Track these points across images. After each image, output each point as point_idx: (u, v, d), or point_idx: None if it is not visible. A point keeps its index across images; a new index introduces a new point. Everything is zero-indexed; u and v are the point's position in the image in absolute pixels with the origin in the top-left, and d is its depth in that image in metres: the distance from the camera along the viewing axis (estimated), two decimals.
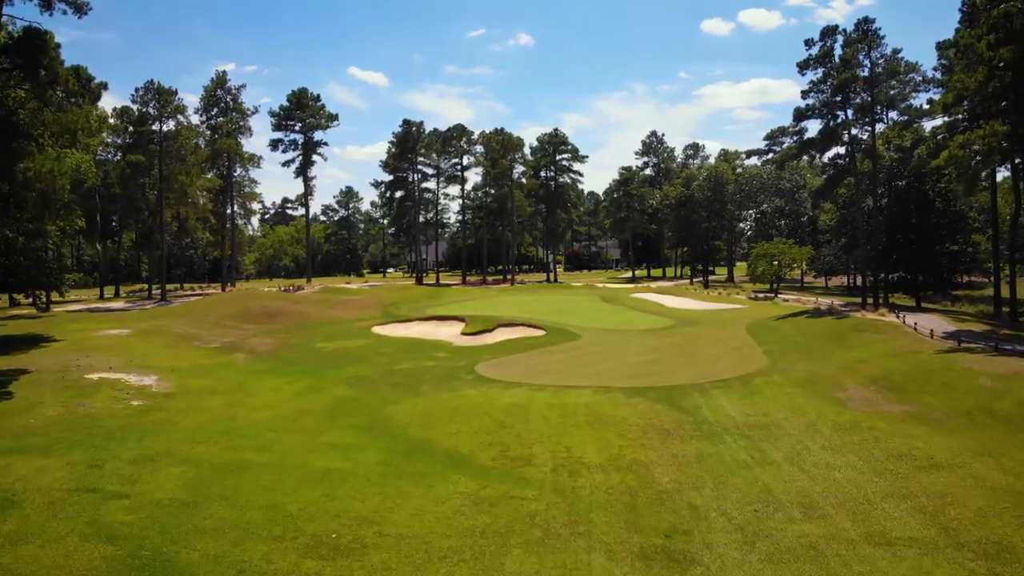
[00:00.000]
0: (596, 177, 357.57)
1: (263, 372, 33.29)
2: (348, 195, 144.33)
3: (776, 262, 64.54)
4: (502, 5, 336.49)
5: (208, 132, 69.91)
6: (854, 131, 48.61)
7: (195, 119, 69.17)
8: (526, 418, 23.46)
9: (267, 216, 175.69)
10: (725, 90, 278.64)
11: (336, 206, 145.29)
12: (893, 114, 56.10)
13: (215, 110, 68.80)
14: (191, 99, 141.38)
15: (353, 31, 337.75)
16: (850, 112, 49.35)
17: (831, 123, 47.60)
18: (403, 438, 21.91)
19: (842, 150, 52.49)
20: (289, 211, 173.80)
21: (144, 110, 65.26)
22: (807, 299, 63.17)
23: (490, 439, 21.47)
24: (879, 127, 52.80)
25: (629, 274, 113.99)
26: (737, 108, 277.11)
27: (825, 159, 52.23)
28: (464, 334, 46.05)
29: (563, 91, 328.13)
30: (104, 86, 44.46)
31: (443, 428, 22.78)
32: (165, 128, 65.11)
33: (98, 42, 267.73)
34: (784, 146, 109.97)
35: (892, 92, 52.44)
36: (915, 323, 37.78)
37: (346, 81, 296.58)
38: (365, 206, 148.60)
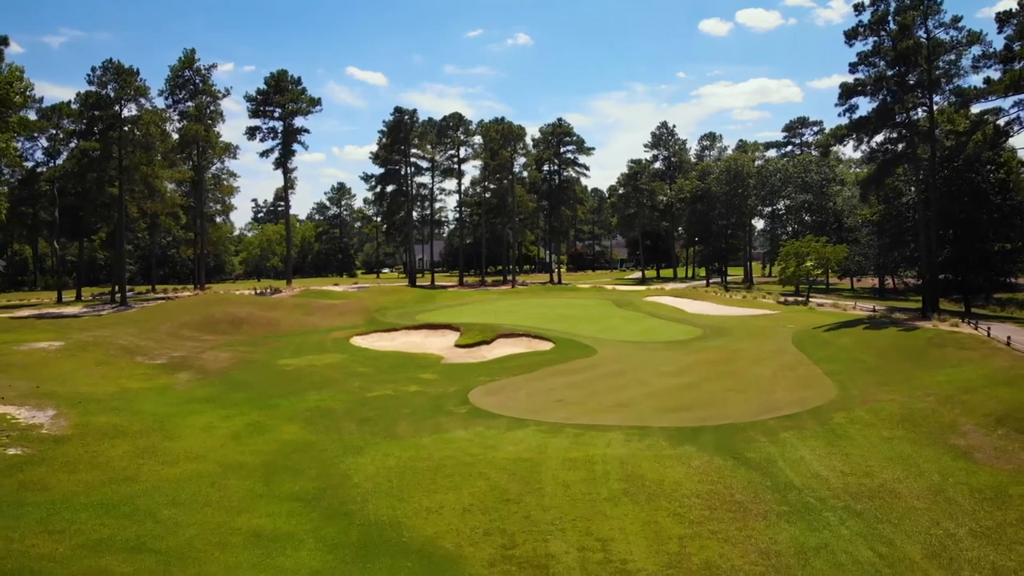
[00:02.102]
0: (596, 177, 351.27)
1: (201, 401, 26.40)
2: (340, 192, 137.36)
3: (809, 262, 57.72)
4: (500, 5, 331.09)
5: (176, 118, 62.92)
6: (910, 111, 41.66)
7: (161, 103, 62.13)
8: (538, 483, 16.60)
9: (260, 214, 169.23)
10: (724, 90, 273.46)
11: (328, 203, 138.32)
12: (936, 97, 49.33)
13: (182, 93, 61.71)
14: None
15: (352, 31, 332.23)
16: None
17: (887, 100, 40.72)
18: (360, 518, 15.05)
19: (893, 134, 45.61)
20: (281, 209, 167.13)
21: (102, 92, 58.38)
22: (845, 303, 56.38)
23: (487, 522, 14.63)
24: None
25: (637, 275, 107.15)
26: (736, 108, 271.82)
27: (873, 144, 45.31)
28: (458, 346, 39.24)
29: (562, 91, 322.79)
30: (4, 41, 37.33)
31: (419, 499, 15.93)
32: (126, 112, 58.41)
33: (97, 42, 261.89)
34: (803, 137, 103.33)
35: (937, 72, 45.61)
36: (1008, 337, 30.89)
37: (345, 81, 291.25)
38: (358, 203, 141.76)
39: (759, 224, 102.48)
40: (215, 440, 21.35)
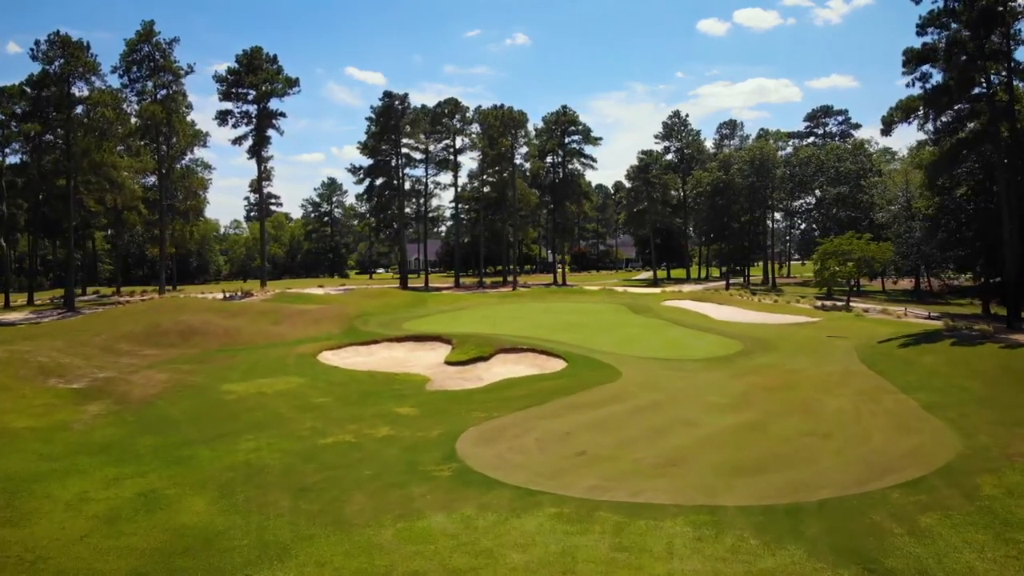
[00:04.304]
0: (596, 176, 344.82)
1: (94, 452, 19.47)
2: (331, 187, 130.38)
3: (850, 263, 50.88)
4: (498, 5, 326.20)
5: (134, 99, 55.93)
6: (991, 81, 34.80)
7: (117, 83, 55.19)
8: None
9: (253, 212, 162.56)
10: (723, 90, 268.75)
11: (318, 199, 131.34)
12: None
13: (140, 70, 54.65)
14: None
15: (351, 31, 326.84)
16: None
17: (966, 67, 33.83)
18: None
19: (957, 111, 38.75)
20: (273, 206, 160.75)
21: (49, 69, 51.52)
22: (894, 309, 49.53)
23: None
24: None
25: (646, 275, 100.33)
26: (735, 108, 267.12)
27: (938, 123, 38.52)
28: (449, 363, 32.40)
29: (561, 91, 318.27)
30: None
31: None
32: (76, 92, 51.57)
33: (97, 42, 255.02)
34: (827, 127, 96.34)
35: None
36: None
37: (345, 81, 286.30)
38: (351, 200, 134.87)
39: (778, 220, 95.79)
40: (78, 525, 14.38)
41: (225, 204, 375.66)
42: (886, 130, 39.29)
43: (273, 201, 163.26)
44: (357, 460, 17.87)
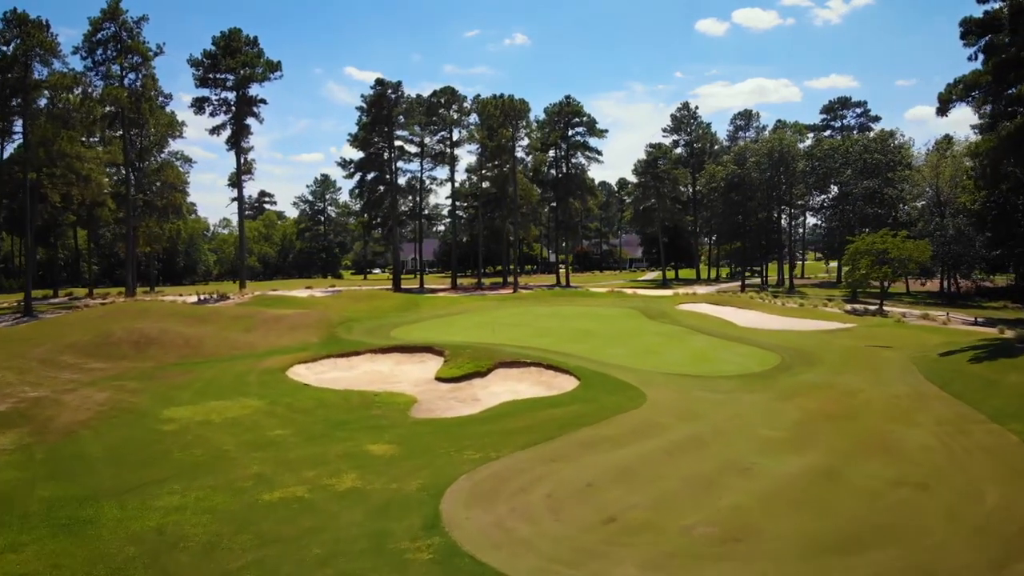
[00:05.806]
0: (597, 174, 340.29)
1: None
2: (324, 184, 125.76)
3: (885, 264, 46.31)
4: (497, 6, 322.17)
5: (100, 83, 51.32)
6: None
7: (80, 66, 50.65)
8: None
9: (247, 211, 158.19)
10: (722, 90, 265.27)
11: (310, 197, 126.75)
12: None
13: (105, 52, 49.99)
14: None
15: (351, 31, 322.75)
16: None
17: None
18: None
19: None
20: (268, 204, 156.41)
21: (7, 51, 46.98)
22: (937, 314, 44.97)
23: None
24: None
25: (653, 276, 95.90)
26: (735, 108, 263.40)
27: (994, 107, 33.99)
28: (440, 379, 27.89)
29: (561, 91, 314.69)
30: None
31: None
32: (36, 76, 47.06)
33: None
34: (845, 120, 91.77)
35: None
36: None
37: (344, 81, 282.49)
38: (345, 197, 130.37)
39: (794, 217, 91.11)
40: None
41: (223, 204, 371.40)
42: (942, 109, 34.58)
43: (267, 200, 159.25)
44: (306, 530, 13.24)
